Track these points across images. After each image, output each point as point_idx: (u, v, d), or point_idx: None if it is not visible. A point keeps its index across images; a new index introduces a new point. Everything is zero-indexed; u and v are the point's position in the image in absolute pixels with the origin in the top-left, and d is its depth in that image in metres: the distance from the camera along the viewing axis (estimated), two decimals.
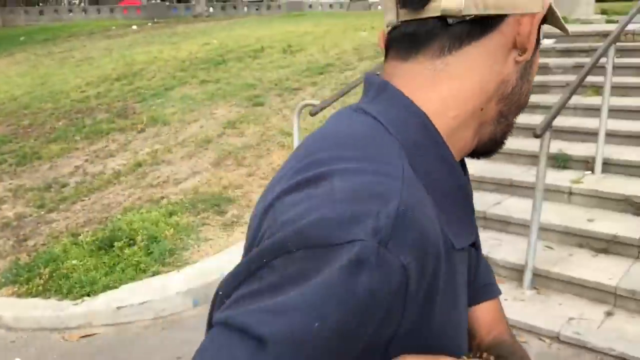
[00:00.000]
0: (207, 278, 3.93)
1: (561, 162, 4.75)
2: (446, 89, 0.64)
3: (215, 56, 9.71)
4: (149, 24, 19.54)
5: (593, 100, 5.45)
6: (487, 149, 0.71)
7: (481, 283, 0.88)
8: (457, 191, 0.65)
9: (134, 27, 18.37)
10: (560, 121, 5.24)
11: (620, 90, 5.54)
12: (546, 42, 6.91)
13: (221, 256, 4.19)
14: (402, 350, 0.56)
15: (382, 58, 0.71)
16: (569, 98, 3.71)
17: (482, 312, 0.87)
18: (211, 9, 26.46)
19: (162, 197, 5.00)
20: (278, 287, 0.50)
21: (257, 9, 26.62)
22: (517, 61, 0.65)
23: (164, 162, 5.74)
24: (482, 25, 0.63)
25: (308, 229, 0.51)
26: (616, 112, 5.13)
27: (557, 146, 4.92)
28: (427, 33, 0.63)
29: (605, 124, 4.43)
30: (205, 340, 0.53)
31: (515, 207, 4.39)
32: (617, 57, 6.11)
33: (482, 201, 4.56)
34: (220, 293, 0.55)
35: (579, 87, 3.91)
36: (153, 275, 4.02)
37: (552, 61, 6.41)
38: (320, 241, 0.50)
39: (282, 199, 0.57)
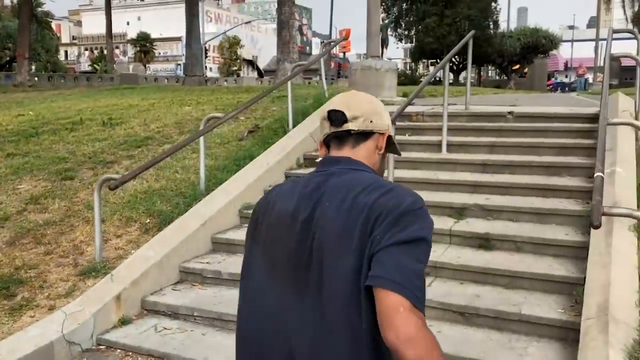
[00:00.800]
0: None
1: None
2: (361, 161, 1.48)
3: (28, 128, 9.11)
4: None
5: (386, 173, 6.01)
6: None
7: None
8: None
9: None
10: None
11: (411, 164, 6.20)
12: None
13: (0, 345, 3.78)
14: None
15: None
16: None
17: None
18: (36, 79, 25.01)
19: None
20: (416, 222, 1.27)
21: (87, 80, 25.72)
22: (378, 154, 1.53)
23: None
24: (365, 135, 1.50)
25: (413, 203, 1.31)
26: (406, 183, 5.71)
27: None
28: (344, 137, 1.50)
29: None
30: (395, 255, 1.22)
31: None
32: (409, 135, 6.90)
33: None
34: (378, 237, 1.24)
35: None
36: None
37: None
38: (419, 206, 1.32)
39: (381, 199, 1.31)
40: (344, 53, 42.89)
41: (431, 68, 51.39)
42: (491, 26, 36.19)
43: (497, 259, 4.44)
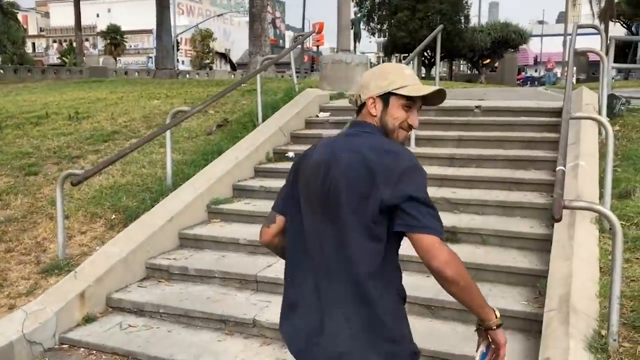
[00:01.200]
0: None
1: None
2: (375, 121, 1.85)
3: None
4: None
5: None
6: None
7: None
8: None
9: None
10: None
11: None
12: (322, 115, 7.54)
13: None
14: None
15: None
16: None
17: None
18: (0, 71, 24.33)
19: None
20: (418, 176, 1.70)
21: (55, 73, 25.11)
22: (373, 115, 1.85)
23: None
24: (363, 104, 1.88)
25: (415, 162, 1.72)
26: None
27: None
28: (360, 106, 1.89)
29: None
30: (416, 207, 1.66)
31: None
32: None
33: (254, 265, 4.69)
34: (389, 190, 1.66)
35: None
36: None
37: (325, 132, 6.98)
38: (418, 165, 1.73)
39: (384, 158, 1.71)
40: (318, 47, 42.77)
41: (403, 62, 51.57)
42: (462, 21, 36.50)
43: (463, 251, 4.47)
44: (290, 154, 6.65)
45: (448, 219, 4.89)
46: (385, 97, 1.84)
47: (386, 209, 1.69)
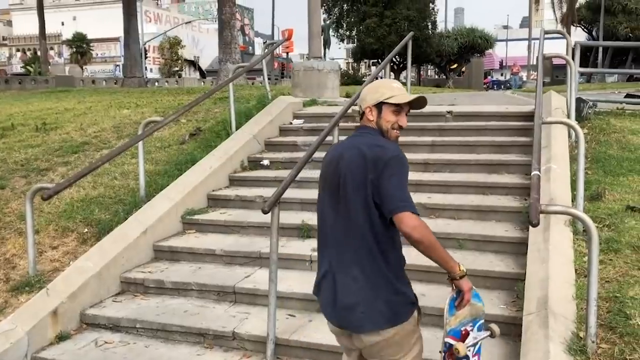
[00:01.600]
0: None
1: (305, 232, 5.09)
2: (373, 124, 2.41)
3: None
4: None
5: None
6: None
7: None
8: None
9: None
10: (305, 194, 5.69)
11: None
12: (295, 122, 7.53)
13: None
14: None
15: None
16: (295, 176, 4.03)
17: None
18: None
19: None
20: (398, 164, 2.24)
21: (19, 83, 24.53)
22: (371, 121, 2.40)
23: None
24: (364, 113, 2.45)
25: (398, 153, 2.26)
26: None
27: (303, 217, 5.29)
28: (362, 115, 2.45)
29: None
30: (392, 188, 2.20)
31: (264, 279, 4.54)
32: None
33: (231, 276, 4.64)
34: (377, 175, 2.22)
35: (305, 164, 4.27)
36: None
37: (300, 139, 6.97)
38: (401, 155, 2.27)
39: (374, 150, 2.25)
40: (287, 53, 42.79)
41: (373, 68, 52.03)
42: (429, 26, 36.94)
43: None
44: (265, 162, 6.61)
45: None
46: (379, 106, 2.40)
47: None
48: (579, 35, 43.74)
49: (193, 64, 58.74)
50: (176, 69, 54.16)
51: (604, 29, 39.54)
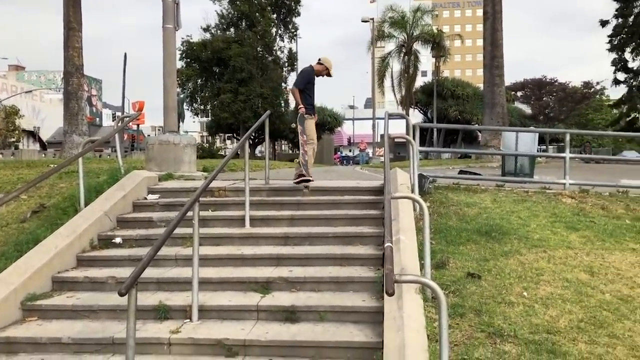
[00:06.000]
0: None
1: (162, 313, 4.85)
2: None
3: None
4: None
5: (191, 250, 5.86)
6: None
7: None
8: None
9: None
10: (162, 272, 5.48)
11: (214, 240, 6.15)
12: (151, 198, 7.29)
13: None
14: None
15: None
16: (154, 255, 3.88)
17: None
18: None
19: None
20: None
21: None
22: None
23: None
24: None
25: None
26: (211, 261, 5.63)
27: (160, 297, 5.06)
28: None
29: (198, 272, 4.77)
30: None
31: None
32: (212, 211, 6.87)
33: None
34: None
35: (165, 241, 4.14)
36: None
37: (156, 215, 6.75)
38: None
39: None
40: (138, 125, 41.79)
41: (228, 142, 52.50)
42: (282, 104, 38.52)
43: (303, 330, 4.55)
44: (118, 240, 6.27)
45: (287, 298, 4.95)
46: None
47: None
48: (416, 116, 48.35)
49: (33, 134, 54.76)
50: (12, 139, 50.04)
51: (437, 111, 44.18)
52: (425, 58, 51.08)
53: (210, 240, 6.10)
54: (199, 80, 37.32)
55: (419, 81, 49.41)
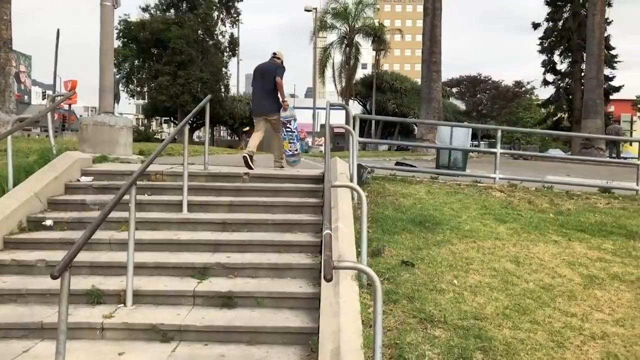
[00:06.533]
0: None
1: (95, 297, 4.74)
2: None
3: None
4: None
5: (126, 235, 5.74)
6: None
7: None
8: None
9: None
10: (96, 256, 5.35)
11: (151, 224, 6.05)
12: (84, 180, 7.07)
13: None
14: None
15: None
16: (89, 237, 3.79)
17: None
18: None
19: None
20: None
21: None
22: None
23: None
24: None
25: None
26: (147, 245, 5.54)
27: (93, 282, 4.94)
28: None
29: (133, 256, 4.69)
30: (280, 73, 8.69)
31: (47, 352, 4.09)
32: (149, 195, 6.74)
33: (7, 352, 4.10)
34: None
35: (101, 223, 4.04)
36: None
37: (89, 198, 6.55)
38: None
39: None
40: (70, 105, 40.09)
41: (165, 125, 51.28)
42: (222, 89, 38.01)
43: (240, 316, 4.57)
44: (48, 222, 6.05)
45: (224, 284, 4.96)
46: None
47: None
48: (356, 107, 48.88)
49: None
50: None
51: (376, 103, 44.83)
52: (366, 51, 51.75)
53: (147, 224, 6.00)
54: (136, 61, 36.28)
55: (360, 73, 49.99)
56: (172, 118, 40.26)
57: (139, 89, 37.38)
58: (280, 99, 8.57)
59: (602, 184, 9.74)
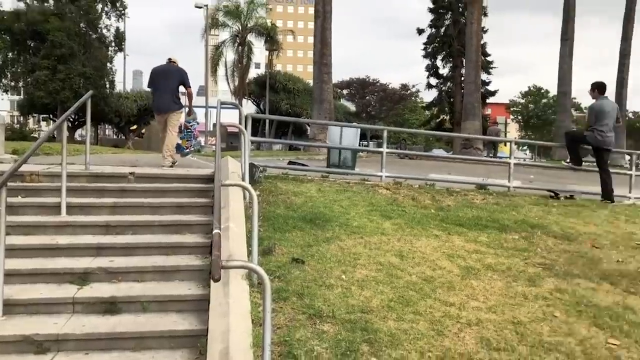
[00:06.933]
0: None
1: None
2: None
3: None
4: None
5: None
6: None
7: None
8: None
9: None
10: None
11: (25, 228, 5.62)
12: None
13: None
14: None
15: None
16: None
17: None
18: None
19: None
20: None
21: None
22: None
23: None
24: None
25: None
26: (20, 251, 5.14)
27: None
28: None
29: (3, 263, 4.34)
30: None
31: None
32: (22, 197, 6.27)
33: None
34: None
35: None
36: None
37: None
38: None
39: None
40: None
41: (43, 123, 47.96)
42: (107, 86, 36.21)
43: (123, 322, 4.38)
44: None
45: (107, 289, 4.73)
46: None
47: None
48: (249, 107, 48.64)
49: None
50: None
51: (269, 103, 44.87)
52: (259, 50, 51.73)
53: (20, 229, 5.57)
54: (10, 54, 33.58)
55: (253, 73, 49.84)
56: (51, 115, 37.73)
57: (13, 83, 34.64)
58: (189, 106, 9.42)
59: (478, 182, 10.42)
